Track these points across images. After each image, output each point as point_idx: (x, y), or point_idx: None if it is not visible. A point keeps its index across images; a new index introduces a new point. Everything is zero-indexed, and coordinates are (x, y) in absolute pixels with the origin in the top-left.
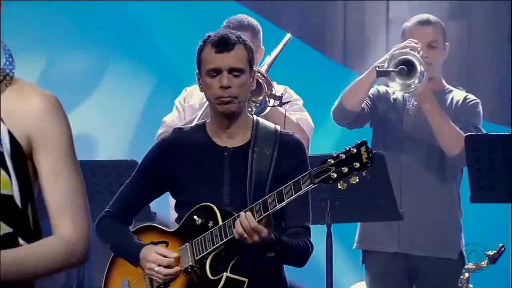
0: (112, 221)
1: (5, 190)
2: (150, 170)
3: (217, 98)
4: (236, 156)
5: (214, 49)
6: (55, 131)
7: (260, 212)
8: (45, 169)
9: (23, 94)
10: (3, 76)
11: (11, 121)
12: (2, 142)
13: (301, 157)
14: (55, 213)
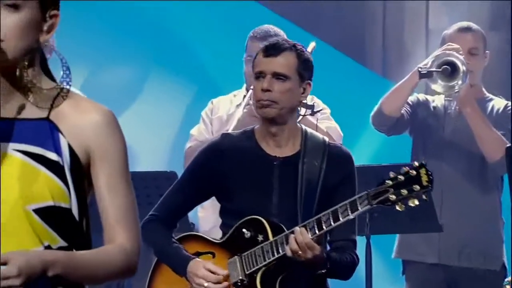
0: (158, 226)
1: (63, 203)
2: (197, 175)
3: (258, 101)
4: (286, 166)
5: (263, 54)
6: (113, 145)
7: (314, 230)
8: (103, 181)
9: (80, 107)
10: (60, 89)
11: (70, 134)
12: (62, 155)
13: (349, 169)
14: (112, 225)
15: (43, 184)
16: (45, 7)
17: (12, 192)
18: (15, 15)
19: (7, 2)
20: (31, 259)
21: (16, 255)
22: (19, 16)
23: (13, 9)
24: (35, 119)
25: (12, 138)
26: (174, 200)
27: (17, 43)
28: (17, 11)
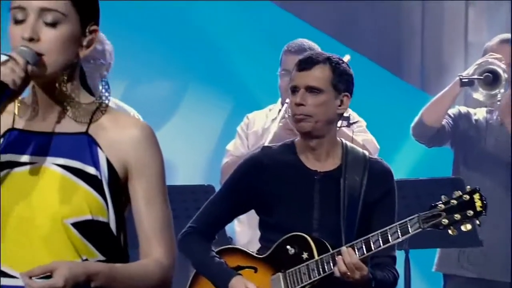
0: (197, 238)
1: (101, 217)
2: (238, 187)
3: (293, 116)
4: (327, 181)
5: (296, 68)
6: (150, 159)
7: (362, 250)
8: (140, 195)
9: (119, 122)
10: (99, 104)
11: (108, 149)
12: (101, 169)
13: (390, 185)
14: (148, 238)
15: (81, 198)
16: (85, 22)
17: (51, 206)
18: (56, 30)
19: (48, 21)
20: (76, 269)
21: (61, 265)
22: (60, 31)
23: (52, 25)
24: (74, 133)
25: (51, 152)
26: (213, 212)
27: (57, 58)
28: (58, 26)
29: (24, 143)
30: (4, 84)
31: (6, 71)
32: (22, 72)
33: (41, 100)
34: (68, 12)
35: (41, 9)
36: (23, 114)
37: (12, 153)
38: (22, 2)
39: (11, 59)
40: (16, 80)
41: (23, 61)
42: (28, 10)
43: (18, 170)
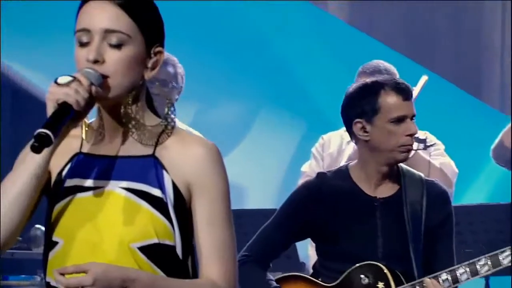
0: (253, 268)
1: (168, 240)
2: (294, 215)
3: (402, 146)
4: (389, 206)
5: (401, 97)
6: (215, 180)
7: (448, 282)
8: (201, 216)
9: (184, 143)
10: (165, 126)
11: (173, 170)
12: (166, 192)
13: (448, 209)
14: (207, 260)
15: (147, 222)
16: (149, 43)
17: (118, 230)
18: (120, 52)
19: (112, 43)
20: (111, 272)
21: (96, 266)
22: (124, 52)
23: (117, 47)
24: (140, 156)
25: (117, 175)
26: (268, 240)
27: (122, 80)
28: (122, 48)
29: (90, 167)
30: (68, 104)
31: (70, 92)
32: (86, 93)
33: (107, 124)
34: (132, 33)
35: (105, 30)
36: (90, 138)
37: (79, 177)
38: (86, 24)
39: (75, 80)
40: (80, 101)
41: (87, 82)
42: (93, 32)
43: (85, 194)
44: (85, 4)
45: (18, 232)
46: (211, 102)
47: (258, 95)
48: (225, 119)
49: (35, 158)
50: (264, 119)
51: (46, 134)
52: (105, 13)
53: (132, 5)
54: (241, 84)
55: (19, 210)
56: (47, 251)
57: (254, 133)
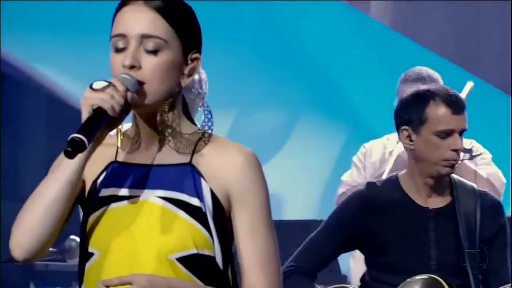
0: (301, 278)
1: (207, 251)
2: (344, 225)
3: (446, 160)
4: (442, 217)
5: (450, 110)
6: (255, 188)
7: None
8: (243, 225)
9: (222, 150)
10: (201, 134)
11: (211, 179)
12: (204, 201)
13: (502, 221)
14: (250, 270)
15: (185, 232)
16: (187, 49)
17: (155, 240)
18: (157, 57)
19: (149, 49)
20: (155, 282)
21: (140, 277)
22: (161, 58)
23: (154, 52)
24: (177, 164)
25: (154, 184)
26: (315, 250)
27: (158, 86)
28: (159, 53)
29: (125, 176)
30: (103, 110)
31: (105, 97)
32: (121, 99)
33: (142, 132)
34: (169, 38)
35: (142, 36)
36: (125, 146)
37: (114, 187)
38: (122, 30)
39: (111, 85)
40: (115, 107)
41: (123, 87)
42: (129, 38)
43: (120, 204)
44: (121, 9)
45: (52, 241)
46: (249, 109)
47: (298, 101)
48: (263, 126)
49: (69, 165)
50: (304, 126)
51: (80, 139)
52: (142, 17)
53: (169, 9)
54: (280, 90)
55: (53, 218)
56: (83, 263)
57: (293, 141)
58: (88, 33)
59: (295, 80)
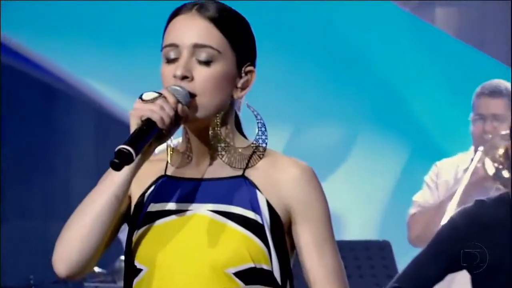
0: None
1: (264, 265)
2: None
3: None
4: None
5: None
6: (315, 202)
7: None
8: (307, 241)
9: (278, 164)
10: (255, 147)
11: (267, 191)
12: (262, 214)
13: None
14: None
15: (242, 245)
16: (241, 61)
17: (210, 255)
18: (209, 69)
19: (201, 59)
20: None
21: None
22: (214, 69)
23: (206, 63)
24: (229, 177)
25: (206, 198)
26: (422, 271)
27: (210, 99)
28: (211, 64)
29: (175, 190)
30: (152, 121)
31: (155, 108)
32: (171, 111)
33: (194, 146)
34: (223, 49)
35: (194, 45)
36: (175, 161)
37: (163, 201)
38: (174, 39)
39: (161, 96)
40: (164, 119)
41: (173, 99)
42: (181, 48)
43: (170, 218)
44: (173, 19)
45: (96, 257)
46: (306, 123)
47: (357, 116)
48: (321, 142)
49: (115, 178)
50: (364, 141)
51: (127, 150)
52: (195, 27)
53: (223, 20)
54: (339, 103)
55: (97, 232)
56: (131, 279)
57: (352, 157)
58: (138, 45)
59: (355, 94)
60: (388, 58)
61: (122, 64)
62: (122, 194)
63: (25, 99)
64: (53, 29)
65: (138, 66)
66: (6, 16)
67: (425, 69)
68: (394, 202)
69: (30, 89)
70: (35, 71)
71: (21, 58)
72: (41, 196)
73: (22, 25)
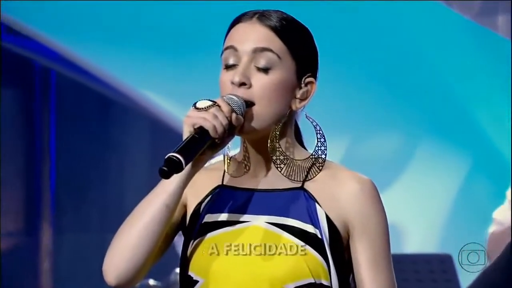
0: None
1: (324, 280)
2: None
3: None
4: None
5: None
6: (374, 217)
7: None
8: (363, 256)
9: (338, 177)
10: (315, 159)
11: (326, 205)
12: (320, 228)
13: None
14: None
15: (301, 260)
16: (301, 71)
17: (268, 268)
18: (268, 76)
19: (260, 66)
20: None
21: None
22: (273, 76)
23: (266, 69)
24: (287, 189)
25: (264, 210)
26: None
27: (268, 108)
28: (270, 72)
29: (233, 201)
30: (204, 130)
31: (208, 116)
32: (225, 120)
33: (252, 156)
34: (282, 55)
35: (254, 50)
36: (232, 170)
37: (220, 212)
38: (234, 43)
39: (215, 105)
40: (217, 127)
41: (228, 108)
42: (240, 53)
43: (227, 229)
44: (234, 27)
45: (147, 266)
46: (364, 133)
47: (417, 125)
48: (380, 152)
49: (167, 187)
50: (425, 151)
51: (177, 158)
52: (255, 33)
53: (284, 28)
54: (398, 113)
55: (148, 241)
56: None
57: (412, 168)
58: (194, 54)
59: (414, 103)
60: (449, 66)
61: (179, 74)
62: (173, 204)
63: (79, 110)
64: (107, 38)
65: (195, 76)
66: (61, 25)
67: (488, 76)
68: (456, 214)
69: (84, 99)
70: (89, 81)
71: (75, 68)
72: (97, 208)
73: (78, 35)
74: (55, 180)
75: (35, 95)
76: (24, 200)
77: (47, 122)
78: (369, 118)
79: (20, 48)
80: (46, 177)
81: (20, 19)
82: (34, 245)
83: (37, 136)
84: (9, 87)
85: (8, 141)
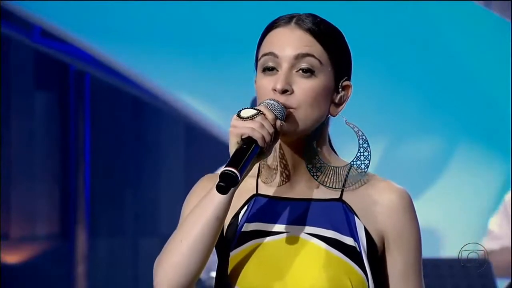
0: None
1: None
2: None
3: None
4: None
5: None
6: (409, 230)
7: None
8: (396, 268)
9: (375, 187)
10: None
11: (365, 216)
12: (359, 240)
13: None
14: None
15: (342, 272)
16: (338, 76)
17: (310, 281)
18: (309, 81)
19: (303, 67)
20: None
21: None
22: (314, 81)
23: (308, 74)
24: (326, 199)
25: (303, 220)
26: None
27: (309, 113)
28: (312, 77)
29: (271, 210)
30: (253, 140)
31: (255, 126)
32: (271, 128)
33: (289, 163)
34: (324, 61)
35: (296, 56)
36: (266, 178)
37: (259, 221)
38: (274, 49)
39: (260, 113)
40: (265, 137)
41: (272, 116)
42: (280, 59)
43: (268, 240)
44: (270, 31)
45: (197, 277)
46: (401, 136)
47: (454, 129)
48: (416, 157)
49: (216, 199)
50: (461, 156)
51: (233, 173)
52: (296, 39)
53: (322, 33)
54: (434, 116)
55: (200, 254)
56: None
57: (449, 173)
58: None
59: (451, 105)
60: (489, 70)
61: (213, 77)
62: (223, 216)
63: (113, 113)
64: (142, 41)
65: (229, 80)
66: (96, 29)
67: None
68: None
69: (119, 103)
70: (123, 84)
71: (110, 71)
72: (130, 212)
73: (113, 38)
74: (90, 184)
75: (69, 98)
76: (59, 204)
77: (82, 125)
78: (406, 121)
79: (55, 51)
80: (81, 181)
81: (55, 23)
82: (69, 249)
83: (71, 139)
84: (44, 90)
85: (42, 145)
